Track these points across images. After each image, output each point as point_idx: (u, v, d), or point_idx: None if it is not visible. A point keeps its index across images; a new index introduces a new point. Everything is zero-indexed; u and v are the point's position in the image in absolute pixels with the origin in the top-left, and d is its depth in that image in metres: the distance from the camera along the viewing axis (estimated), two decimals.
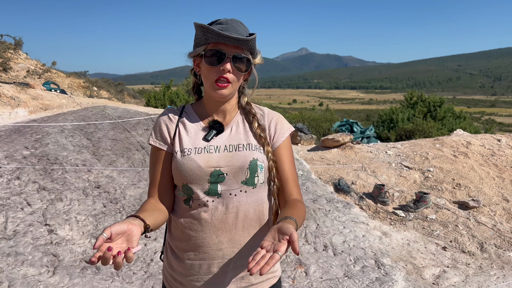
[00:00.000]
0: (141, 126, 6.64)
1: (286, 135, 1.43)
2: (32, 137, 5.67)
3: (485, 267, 3.82)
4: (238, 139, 1.36)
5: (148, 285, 3.15)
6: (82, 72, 18.58)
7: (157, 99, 15.77)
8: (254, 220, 1.36)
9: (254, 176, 1.33)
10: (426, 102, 18.57)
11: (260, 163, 1.33)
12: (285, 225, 1.08)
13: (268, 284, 1.42)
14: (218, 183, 1.31)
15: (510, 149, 6.66)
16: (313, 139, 8.46)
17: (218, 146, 1.34)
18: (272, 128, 1.42)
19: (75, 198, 4.27)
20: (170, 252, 1.41)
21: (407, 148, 6.81)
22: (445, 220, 4.71)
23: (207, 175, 1.30)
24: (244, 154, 1.33)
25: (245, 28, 1.32)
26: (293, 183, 1.38)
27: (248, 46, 1.29)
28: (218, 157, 1.32)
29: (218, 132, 1.36)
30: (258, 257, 0.99)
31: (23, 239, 3.49)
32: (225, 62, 1.27)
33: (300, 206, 1.31)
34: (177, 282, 1.40)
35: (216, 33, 1.24)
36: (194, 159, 1.30)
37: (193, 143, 1.34)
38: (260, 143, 1.37)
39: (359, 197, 5.24)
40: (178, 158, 1.32)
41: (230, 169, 1.31)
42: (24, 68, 14.05)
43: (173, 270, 1.40)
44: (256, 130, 1.38)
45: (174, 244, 1.40)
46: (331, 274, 3.52)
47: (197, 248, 1.34)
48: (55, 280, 3.06)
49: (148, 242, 3.76)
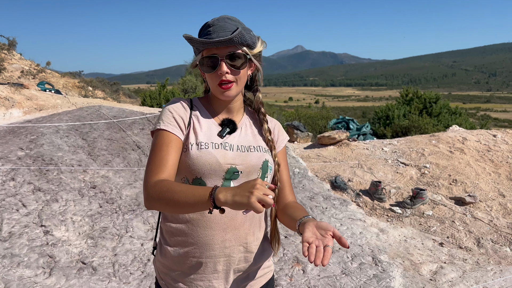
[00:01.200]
0: (137, 126, 6.62)
1: (285, 142, 1.51)
2: (26, 137, 5.64)
3: (482, 263, 3.83)
4: (248, 141, 1.39)
5: (145, 285, 3.14)
6: (77, 72, 18.49)
7: (152, 99, 15.72)
8: (258, 220, 1.39)
9: (264, 177, 1.37)
10: (421, 98, 18.62)
11: (270, 165, 1.38)
12: (322, 222, 1.13)
13: (266, 278, 1.47)
14: (231, 180, 1.31)
15: (506, 144, 6.68)
16: (309, 137, 8.46)
17: (232, 144, 1.34)
18: (276, 134, 1.48)
19: (70, 199, 4.25)
20: (168, 251, 1.34)
21: (403, 145, 6.82)
22: (442, 216, 4.72)
23: (223, 171, 1.30)
24: (257, 155, 1.36)
25: (234, 22, 1.29)
26: (289, 187, 1.48)
27: (235, 42, 1.25)
28: (233, 155, 1.32)
29: (231, 131, 1.37)
30: (313, 250, 1.02)
31: (19, 241, 3.47)
32: (219, 66, 1.26)
33: (302, 207, 1.38)
34: (176, 283, 1.34)
35: (200, 42, 1.25)
36: (212, 153, 1.29)
37: (208, 137, 1.32)
38: (269, 146, 1.41)
39: (355, 194, 5.24)
40: (193, 151, 1.28)
41: (245, 168, 1.32)
42: (18, 69, 13.97)
43: (171, 270, 1.35)
44: (266, 134, 1.42)
45: (174, 242, 1.33)
46: (328, 271, 3.52)
47: (204, 245, 1.30)
48: (51, 281, 3.04)
49: (145, 242, 3.75)
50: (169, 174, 1.23)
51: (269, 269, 1.48)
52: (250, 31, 1.30)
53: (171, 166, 1.24)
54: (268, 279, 1.48)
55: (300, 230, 1.17)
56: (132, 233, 3.85)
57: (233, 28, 1.26)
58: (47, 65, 16.82)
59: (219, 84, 1.28)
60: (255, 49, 1.32)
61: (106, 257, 3.45)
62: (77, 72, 18.44)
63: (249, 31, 1.29)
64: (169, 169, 1.24)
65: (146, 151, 5.74)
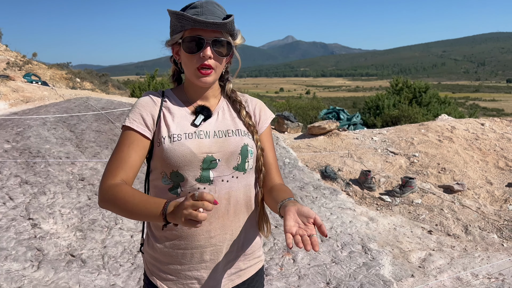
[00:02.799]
0: (125, 117, 6.56)
1: (268, 122, 1.44)
2: (13, 130, 5.55)
3: (470, 249, 3.88)
4: (226, 125, 1.34)
5: (135, 277, 3.13)
6: (65, 64, 18.20)
7: (142, 90, 15.57)
8: (244, 206, 1.35)
9: (245, 162, 1.32)
10: (411, 88, 18.71)
11: (250, 149, 1.33)
12: (303, 208, 1.11)
13: (255, 268, 1.46)
14: (210, 170, 1.28)
15: (494, 133, 6.75)
16: (300, 127, 8.46)
17: (208, 131, 1.30)
18: (257, 115, 1.43)
19: (59, 191, 4.20)
20: (156, 244, 1.34)
21: (392, 134, 6.85)
22: (431, 204, 4.77)
23: (200, 161, 1.26)
24: (235, 140, 1.31)
25: (221, 9, 1.27)
26: (275, 169, 1.43)
27: (226, 28, 1.24)
28: (209, 143, 1.28)
29: (206, 117, 1.32)
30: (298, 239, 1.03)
31: (6, 234, 3.43)
32: (204, 48, 1.23)
33: (288, 189, 1.35)
34: (165, 274, 1.34)
35: (191, 20, 1.20)
36: (186, 144, 1.25)
37: (181, 128, 1.29)
38: (250, 131, 1.37)
39: (345, 184, 5.27)
40: (166, 144, 1.26)
41: (223, 155, 1.28)
42: (4, 60, 13.72)
43: (159, 262, 1.34)
44: (245, 119, 1.37)
45: (160, 234, 1.33)
46: (318, 260, 3.54)
47: (188, 237, 1.30)
48: (39, 274, 3.02)
49: (135, 234, 3.73)
50: (127, 176, 1.22)
51: (259, 259, 1.47)
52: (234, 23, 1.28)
53: (130, 168, 1.23)
54: (257, 269, 1.47)
55: (281, 213, 1.17)
56: (121, 225, 3.82)
57: (221, 15, 1.25)
58: (33, 57, 16.55)
59: (199, 68, 1.25)
60: (236, 41, 1.31)
61: (96, 250, 3.43)
62: (64, 63, 18.16)
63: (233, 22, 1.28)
64: (127, 171, 1.22)
65: None
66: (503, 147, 6.21)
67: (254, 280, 1.45)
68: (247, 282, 1.43)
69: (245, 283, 1.43)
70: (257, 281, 1.47)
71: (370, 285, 3.17)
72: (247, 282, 1.43)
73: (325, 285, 3.17)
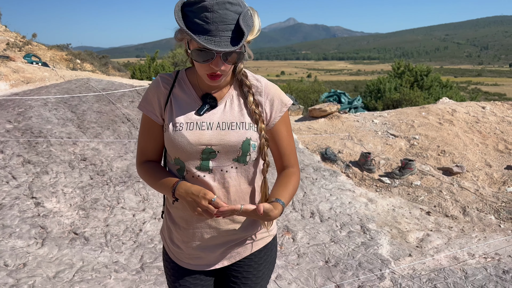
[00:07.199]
0: (126, 98, 6.55)
1: (283, 111, 1.38)
2: (14, 110, 5.56)
3: (467, 230, 3.94)
4: (232, 117, 1.32)
5: (137, 255, 3.19)
6: (64, 45, 18.04)
7: (142, 72, 15.51)
8: (245, 194, 1.38)
9: (246, 155, 1.33)
10: (413, 71, 18.61)
11: (253, 143, 1.32)
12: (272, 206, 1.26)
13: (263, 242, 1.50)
14: (210, 160, 1.30)
15: (494, 116, 6.75)
16: (301, 110, 8.46)
17: (211, 123, 1.30)
18: (268, 106, 1.36)
19: (61, 171, 4.24)
20: (168, 217, 1.46)
21: (393, 117, 6.85)
22: (430, 186, 4.81)
23: (198, 152, 1.29)
24: (238, 134, 1.29)
25: (236, 7, 1.16)
26: (289, 155, 1.43)
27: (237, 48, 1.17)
28: (210, 135, 1.29)
29: (211, 107, 1.32)
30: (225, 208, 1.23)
31: (10, 212, 3.47)
32: (215, 62, 1.18)
33: (293, 178, 1.38)
34: (174, 245, 1.46)
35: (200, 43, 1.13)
36: (184, 135, 1.28)
37: (185, 116, 1.30)
38: (254, 120, 1.33)
39: (345, 166, 5.30)
40: (170, 132, 1.30)
41: (222, 148, 1.29)
42: (4, 41, 13.62)
43: (170, 232, 1.46)
44: (251, 106, 1.32)
45: (170, 210, 1.44)
46: (317, 239, 3.60)
47: (191, 217, 1.37)
48: (43, 251, 3.07)
49: (137, 213, 3.78)
50: (152, 157, 1.44)
51: (267, 233, 1.49)
52: (251, 16, 1.20)
53: (151, 152, 1.42)
54: (265, 243, 1.50)
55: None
56: (123, 204, 3.87)
57: (233, 18, 1.15)
58: (33, 37, 16.41)
59: (208, 75, 1.23)
60: (249, 37, 1.21)
61: (98, 228, 3.48)
62: (64, 45, 18.00)
63: (250, 17, 1.19)
64: (149, 155, 1.43)
65: (136, 123, 5.70)
66: (503, 130, 6.22)
67: (262, 253, 1.49)
68: (254, 254, 1.48)
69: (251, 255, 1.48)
70: (265, 254, 1.50)
71: (368, 263, 3.23)
72: (254, 254, 1.48)
73: (324, 263, 3.23)
